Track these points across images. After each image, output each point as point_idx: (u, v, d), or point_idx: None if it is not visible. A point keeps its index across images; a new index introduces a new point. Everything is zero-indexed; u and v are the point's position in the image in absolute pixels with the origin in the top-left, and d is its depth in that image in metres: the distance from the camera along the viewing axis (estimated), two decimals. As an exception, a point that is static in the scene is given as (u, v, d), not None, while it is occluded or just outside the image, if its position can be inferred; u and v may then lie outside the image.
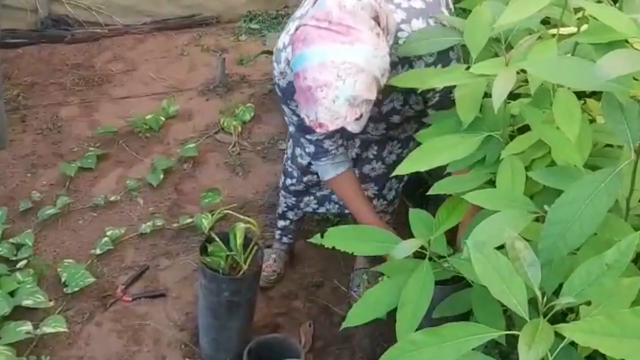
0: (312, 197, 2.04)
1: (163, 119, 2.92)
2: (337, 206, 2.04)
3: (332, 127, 1.27)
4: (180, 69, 3.40)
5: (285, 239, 2.23)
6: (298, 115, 1.49)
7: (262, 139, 2.88)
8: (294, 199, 2.06)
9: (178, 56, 3.52)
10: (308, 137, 1.59)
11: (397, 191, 2.02)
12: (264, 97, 3.11)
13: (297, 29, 1.31)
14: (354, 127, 1.32)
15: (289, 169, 1.99)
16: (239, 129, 2.90)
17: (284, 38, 1.47)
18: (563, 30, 1.27)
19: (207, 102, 3.12)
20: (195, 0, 3.84)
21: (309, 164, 1.87)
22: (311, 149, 1.62)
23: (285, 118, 1.61)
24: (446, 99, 1.46)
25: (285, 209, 2.13)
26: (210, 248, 1.72)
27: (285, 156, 2.03)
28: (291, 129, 1.61)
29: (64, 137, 2.84)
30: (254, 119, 2.98)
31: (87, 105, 3.07)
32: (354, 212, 1.69)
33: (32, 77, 3.28)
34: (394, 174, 1.26)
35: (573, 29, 1.32)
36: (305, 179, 1.97)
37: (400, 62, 1.44)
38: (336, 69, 1.21)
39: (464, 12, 1.82)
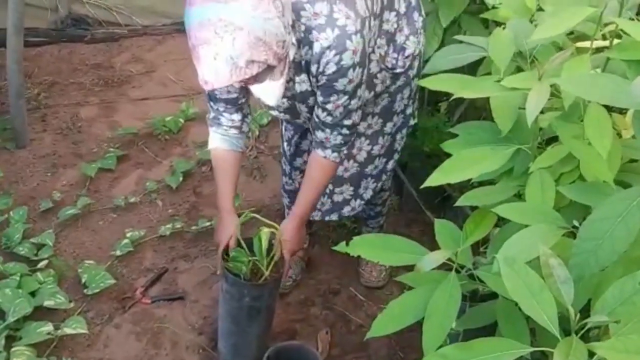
0: None
1: (182, 121, 2.94)
2: (319, 213, 2.01)
3: (217, 85, 1.31)
4: (199, 71, 3.42)
5: None
6: None
7: (279, 142, 2.85)
8: (289, 200, 2.08)
9: (197, 58, 3.54)
10: (212, 103, 1.64)
11: (375, 190, 1.98)
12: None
13: None
14: (267, 97, 1.37)
15: (283, 166, 2.03)
16: (257, 132, 2.91)
17: None
18: (593, 44, 1.27)
19: (225, 105, 3.13)
20: (215, 2, 3.86)
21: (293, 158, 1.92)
22: (211, 115, 1.68)
23: None
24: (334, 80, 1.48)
25: (289, 212, 2.14)
26: (232, 252, 1.72)
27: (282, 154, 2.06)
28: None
29: (84, 137, 2.86)
30: (272, 123, 2.98)
31: (107, 106, 3.09)
32: (217, 190, 1.75)
33: (52, 76, 3.31)
34: (424, 185, 1.26)
35: (603, 43, 1.32)
36: (294, 175, 1.99)
37: (302, 41, 1.45)
38: (213, 26, 1.24)
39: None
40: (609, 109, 1.40)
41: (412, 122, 1.91)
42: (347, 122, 1.59)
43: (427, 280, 1.27)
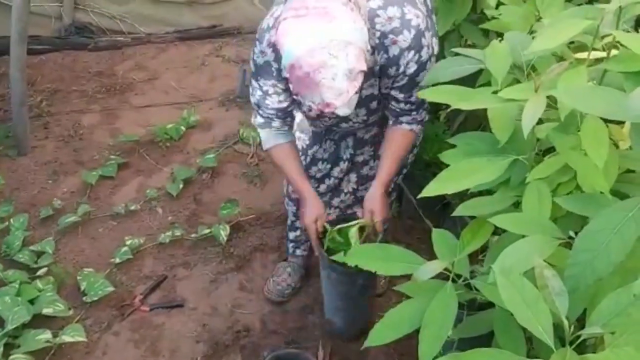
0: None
1: (183, 128, 2.95)
2: (337, 210, 2.07)
3: (339, 104, 1.33)
4: (201, 79, 3.44)
5: (298, 251, 2.24)
6: (261, 89, 1.58)
7: (280, 150, 2.89)
8: (295, 207, 2.09)
9: (199, 66, 3.56)
10: (261, 112, 1.65)
11: (396, 183, 2.07)
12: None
13: (277, 20, 1.39)
14: (344, 110, 1.37)
15: None
16: (258, 140, 2.91)
17: (268, 20, 1.54)
18: (591, 55, 1.27)
19: (226, 113, 3.15)
20: (217, 11, 3.88)
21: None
22: (260, 121, 1.69)
23: (250, 90, 1.65)
24: (415, 76, 1.54)
25: (293, 218, 2.16)
26: (328, 243, 1.74)
27: None
28: (252, 100, 1.66)
29: (86, 145, 2.87)
30: (273, 131, 2.99)
31: (109, 113, 3.11)
32: (289, 180, 1.82)
33: (55, 83, 3.34)
34: (421, 195, 1.26)
35: (601, 54, 1.32)
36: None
37: (377, 47, 1.49)
38: (325, 48, 1.27)
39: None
40: (606, 119, 1.41)
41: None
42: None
43: (424, 289, 1.27)
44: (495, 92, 1.28)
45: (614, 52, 1.26)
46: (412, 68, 1.52)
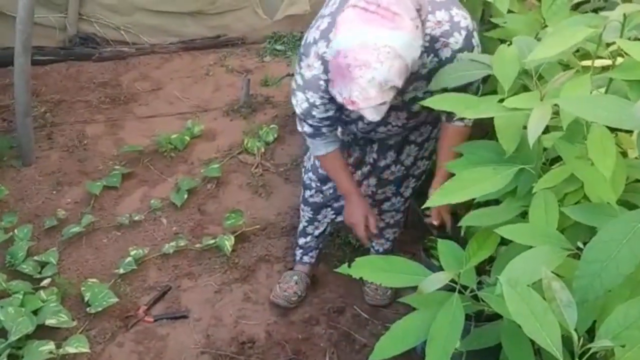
0: (329, 209, 2.10)
1: (188, 138, 2.95)
2: None
3: (362, 105, 1.34)
4: (205, 88, 3.44)
5: (306, 258, 2.24)
6: (308, 101, 1.59)
7: (284, 160, 2.89)
8: (311, 212, 2.11)
9: (203, 76, 3.57)
10: (309, 121, 1.67)
11: (413, 189, 2.08)
12: (288, 119, 3.12)
13: (323, 31, 1.43)
14: (373, 116, 1.37)
15: (308, 181, 2.06)
16: (262, 150, 2.91)
17: (314, 33, 1.53)
18: (597, 62, 1.27)
19: (231, 122, 3.15)
20: (221, 21, 3.89)
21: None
22: (309, 130, 1.71)
23: (294, 101, 1.66)
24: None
25: (306, 224, 2.17)
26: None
27: (304, 169, 2.09)
28: (297, 110, 1.67)
29: (90, 155, 2.88)
30: (277, 140, 3.00)
31: (113, 124, 3.11)
32: (337, 183, 1.89)
33: (60, 94, 3.34)
34: (425, 205, 1.25)
35: (607, 62, 1.31)
36: (324, 188, 2.03)
37: (427, 50, 1.49)
38: (377, 51, 1.27)
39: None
40: (614, 128, 1.40)
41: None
42: None
43: (430, 301, 1.25)
44: (501, 101, 1.27)
45: (619, 59, 1.26)
46: None
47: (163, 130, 3.01)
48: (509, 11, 1.86)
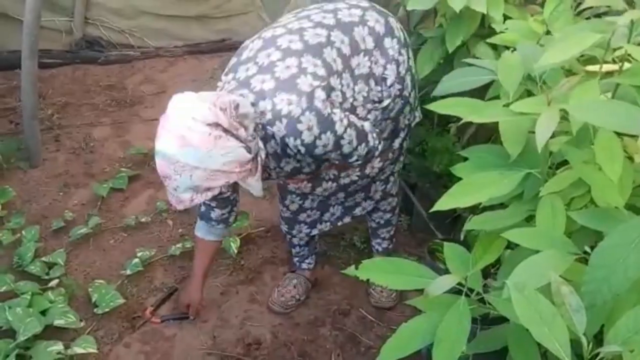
0: (302, 225, 2.09)
1: (193, 141, 2.96)
2: (328, 224, 2.09)
3: (181, 207, 1.46)
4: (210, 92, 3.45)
5: (304, 265, 2.26)
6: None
7: (289, 163, 2.89)
8: (286, 226, 2.12)
9: (207, 79, 3.58)
10: (207, 201, 1.75)
11: (384, 191, 2.05)
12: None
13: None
14: (252, 191, 1.50)
15: (279, 195, 2.07)
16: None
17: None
18: (604, 67, 1.28)
19: (236, 125, 3.16)
20: (226, 25, 3.91)
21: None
22: (202, 208, 1.87)
23: None
24: (316, 153, 1.55)
25: (288, 237, 2.19)
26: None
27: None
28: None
29: (96, 157, 2.89)
30: (282, 143, 3.00)
31: (119, 126, 3.13)
32: (194, 265, 2.03)
33: (66, 97, 3.37)
34: (433, 209, 1.25)
35: (613, 66, 1.32)
36: (298, 228, 2.09)
37: (266, 138, 1.53)
38: (173, 165, 1.38)
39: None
40: (620, 133, 1.40)
41: (416, 120, 1.93)
42: (374, 143, 1.67)
43: (436, 304, 1.26)
44: (506, 105, 1.28)
45: (626, 64, 1.26)
46: (303, 150, 1.50)
47: (169, 132, 3.02)
48: (507, 17, 1.88)
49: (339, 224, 2.10)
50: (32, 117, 2.76)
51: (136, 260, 2.27)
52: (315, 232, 2.11)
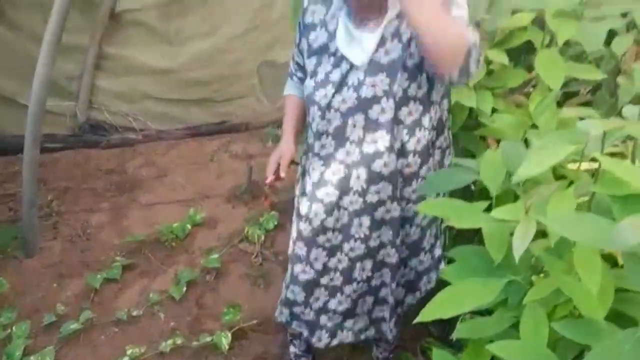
0: (323, 331, 1.89)
1: (189, 226, 2.97)
2: (351, 333, 1.94)
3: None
4: (209, 175, 3.50)
5: None
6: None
7: (284, 247, 2.87)
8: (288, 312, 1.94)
9: (207, 162, 3.63)
10: (291, 64, 1.86)
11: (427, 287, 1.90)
12: (289, 205, 3.14)
13: None
14: (357, 54, 1.52)
15: (299, 253, 1.90)
16: (262, 238, 2.92)
17: None
18: (582, 166, 1.30)
19: (232, 210, 3.18)
20: (225, 108, 4.01)
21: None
22: (291, 68, 1.89)
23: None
24: None
25: (290, 337, 2.14)
26: None
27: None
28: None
29: (92, 245, 2.90)
30: (278, 227, 3.01)
31: (117, 212, 3.15)
32: (284, 122, 1.92)
33: (67, 182, 3.41)
34: (417, 320, 1.23)
35: (593, 165, 1.34)
36: (315, 255, 1.84)
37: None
38: None
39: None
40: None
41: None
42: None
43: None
44: (488, 210, 1.29)
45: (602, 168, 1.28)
46: None
47: (166, 217, 3.04)
48: (494, 110, 1.93)
49: (362, 337, 1.91)
50: (31, 206, 2.78)
51: (126, 358, 2.22)
52: (335, 342, 1.90)
